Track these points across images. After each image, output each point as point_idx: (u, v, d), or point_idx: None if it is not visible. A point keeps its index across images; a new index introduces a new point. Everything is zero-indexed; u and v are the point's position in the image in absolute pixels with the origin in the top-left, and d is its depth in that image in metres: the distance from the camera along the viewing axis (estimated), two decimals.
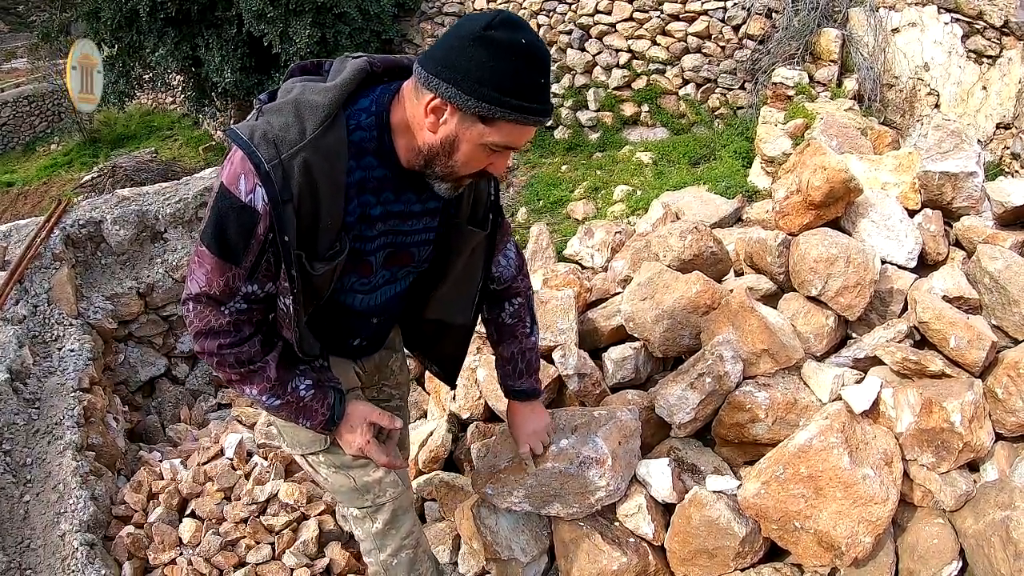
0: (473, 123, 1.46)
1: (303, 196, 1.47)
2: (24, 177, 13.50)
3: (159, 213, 4.98)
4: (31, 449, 3.38)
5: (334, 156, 1.50)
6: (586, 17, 8.00)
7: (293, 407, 1.75)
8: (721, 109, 7.40)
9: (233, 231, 1.49)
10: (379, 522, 2.10)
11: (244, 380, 1.70)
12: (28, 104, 16.20)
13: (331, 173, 1.49)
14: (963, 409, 2.25)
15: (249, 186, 1.46)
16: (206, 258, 1.54)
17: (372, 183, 1.59)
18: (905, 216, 2.90)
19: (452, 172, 1.55)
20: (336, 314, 1.83)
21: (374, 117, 1.56)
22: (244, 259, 1.52)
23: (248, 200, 1.46)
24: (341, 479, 2.03)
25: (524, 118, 1.45)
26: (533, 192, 7.38)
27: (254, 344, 1.66)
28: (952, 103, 6.35)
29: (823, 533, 2.16)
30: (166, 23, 9.12)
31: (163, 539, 3.13)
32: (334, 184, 1.51)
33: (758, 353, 2.52)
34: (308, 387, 1.75)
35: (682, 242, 2.99)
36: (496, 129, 1.46)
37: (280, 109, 1.49)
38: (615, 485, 2.31)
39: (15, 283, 4.29)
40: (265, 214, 1.47)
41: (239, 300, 1.59)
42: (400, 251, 1.76)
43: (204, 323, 1.60)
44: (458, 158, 1.52)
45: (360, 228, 1.63)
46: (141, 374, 4.85)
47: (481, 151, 1.50)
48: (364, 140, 1.56)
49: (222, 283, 1.55)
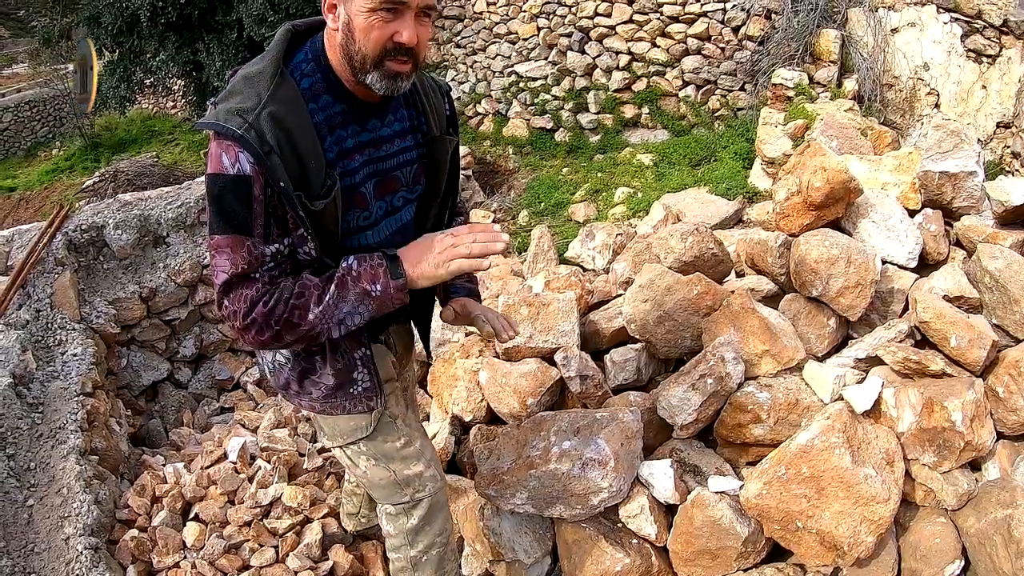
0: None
1: (281, 144, 1.53)
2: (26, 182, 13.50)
3: (161, 217, 4.99)
4: (35, 453, 3.38)
5: (293, 103, 1.58)
6: (586, 19, 8.01)
7: (350, 279, 1.64)
8: (721, 110, 7.41)
9: (233, 204, 1.54)
10: (415, 518, 2.12)
11: (301, 311, 1.63)
12: (29, 109, 16.20)
13: (297, 117, 1.57)
14: (964, 408, 2.26)
15: (232, 157, 1.51)
16: (223, 244, 1.56)
17: (336, 119, 1.67)
18: (905, 216, 2.90)
19: (365, 56, 1.58)
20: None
21: (313, 63, 1.66)
22: (254, 225, 1.56)
23: (236, 170, 1.51)
24: (381, 472, 2.04)
25: None
26: (534, 195, 7.39)
27: (287, 281, 1.64)
28: (952, 102, 6.35)
29: (825, 533, 2.17)
30: (167, 28, 9.14)
31: (167, 542, 3.14)
32: (303, 126, 1.58)
33: (759, 354, 2.53)
34: (346, 259, 1.68)
35: (683, 244, 3.00)
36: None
37: (230, 91, 1.58)
38: (617, 486, 2.32)
39: (18, 288, 4.31)
40: (256, 174, 1.52)
41: (268, 262, 1.60)
42: (385, 177, 1.80)
43: (245, 301, 1.59)
44: (359, 38, 1.56)
45: (343, 163, 1.69)
46: (144, 378, 4.86)
47: (373, 19, 1.53)
48: (313, 84, 1.64)
49: (245, 255, 1.57)
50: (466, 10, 9.14)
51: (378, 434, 2.01)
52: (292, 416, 3.89)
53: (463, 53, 9.32)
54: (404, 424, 2.07)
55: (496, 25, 8.85)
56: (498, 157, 8.50)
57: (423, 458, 2.08)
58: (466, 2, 9.12)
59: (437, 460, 2.17)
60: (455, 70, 9.42)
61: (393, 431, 2.04)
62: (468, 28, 9.18)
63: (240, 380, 5.11)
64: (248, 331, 1.62)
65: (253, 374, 5.12)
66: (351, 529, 3.05)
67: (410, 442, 2.06)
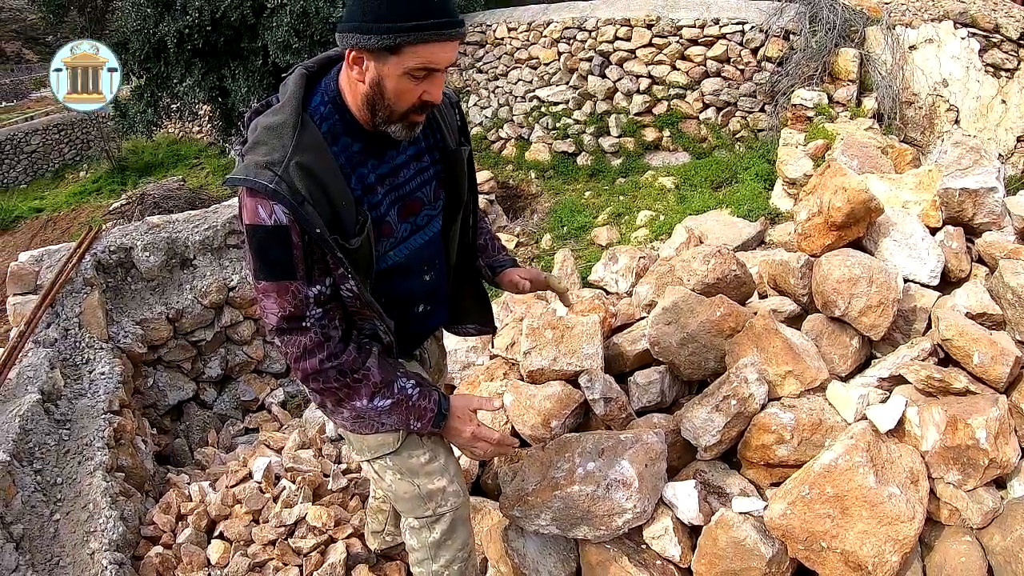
0: (385, 57, 1.57)
1: (312, 192, 1.59)
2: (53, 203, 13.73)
3: (188, 240, 5.07)
4: (61, 469, 3.44)
5: (318, 149, 1.63)
6: (606, 44, 8.07)
7: (403, 406, 1.83)
8: (742, 132, 7.42)
9: (275, 252, 1.61)
10: (437, 532, 2.15)
11: (351, 393, 1.79)
12: (57, 132, 16.51)
13: (324, 163, 1.63)
14: (988, 425, 2.24)
15: (267, 210, 1.57)
16: (268, 289, 1.65)
17: (356, 158, 1.73)
18: (927, 234, 2.90)
19: (392, 111, 1.65)
20: (389, 281, 1.91)
21: (329, 105, 1.70)
22: (297, 270, 1.63)
23: (273, 221, 1.58)
24: (406, 486, 2.08)
25: (426, 35, 1.53)
26: (557, 218, 7.42)
27: (350, 352, 1.75)
28: (972, 118, 6.33)
29: (850, 553, 2.16)
30: (193, 54, 9.32)
31: (191, 560, 3.17)
32: (331, 171, 1.64)
33: (783, 375, 2.53)
34: (414, 386, 1.84)
35: (706, 266, 3.01)
36: (406, 55, 1.56)
37: (255, 143, 1.62)
38: (642, 507, 2.32)
39: (47, 307, 4.39)
40: (292, 223, 1.58)
41: (312, 306, 1.68)
42: (408, 201, 1.87)
43: (297, 347, 1.71)
44: (390, 96, 1.62)
45: (368, 198, 1.75)
46: (170, 398, 4.92)
47: (405, 81, 1.59)
48: (332, 127, 1.70)
49: (291, 299, 1.66)
50: (488, 36, 9.23)
51: (404, 449, 2.05)
52: (316, 437, 3.92)
53: (485, 78, 9.40)
54: (429, 440, 2.10)
55: (517, 50, 8.94)
56: (521, 181, 8.56)
57: (447, 473, 2.10)
58: (488, 28, 9.22)
59: (461, 476, 2.20)
60: (477, 95, 9.50)
61: (418, 446, 2.07)
62: (490, 53, 9.28)
63: (265, 401, 5.16)
64: (296, 368, 1.75)
65: (278, 395, 5.17)
66: (375, 548, 3.06)
67: (434, 457, 2.09)
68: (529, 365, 2.91)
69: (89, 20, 11.93)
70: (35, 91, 23.91)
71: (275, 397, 5.13)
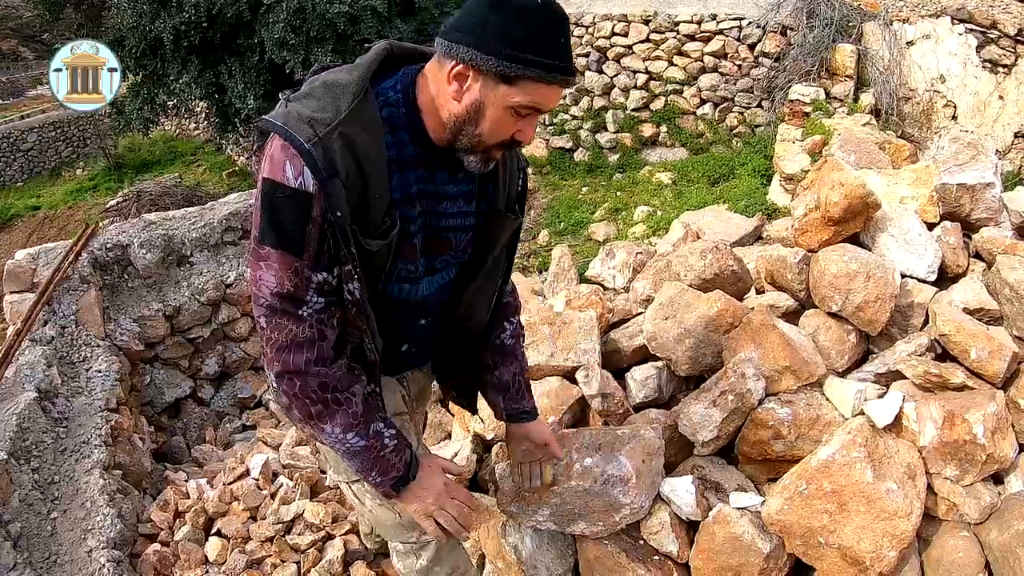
0: (496, 85, 1.42)
1: (349, 170, 1.41)
2: (50, 201, 13.71)
3: (185, 237, 5.07)
4: (59, 467, 3.44)
5: (373, 127, 1.46)
6: (603, 40, 8.06)
7: (373, 453, 1.65)
8: (739, 128, 7.42)
9: (289, 220, 1.42)
10: (424, 559, 2.07)
11: (326, 412, 1.59)
12: (54, 130, 16.48)
13: (372, 146, 1.45)
14: (986, 421, 2.25)
15: (296, 170, 1.39)
16: (271, 256, 1.45)
17: (408, 159, 1.55)
18: (924, 229, 2.90)
19: (480, 142, 1.50)
20: (387, 311, 1.72)
21: (400, 94, 1.53)
22: (306, 247, 1.44)
23: (298, 184, 1.39)
24: (386, 513, 1.98)
25: (548, 76, 1.41)
26: (554, 214, 7.42)
27: (341, 367, 1.58)
28: (969, 114, 6.33)
29: (847, 548, 2.16)
30: (189, 51, 9.31)
31: (189, 557, 3.17)
32: (377, 156, 1.46)
33: (780, 370, 2.53)
34: (392, 436, 1.67)
35: (703, 261, 3.01)
36: (520, 89, 1.42)
37: (310, 93, 1.46)
38: (639, 503, 2.32)
39: (44, 304, 4.38)
40: (318, 194, 1.40)
41: (313, 294, 1.49)
42: (437, 236, 1.69)
43: (285, 335, 1.51)
44: (484, 125, 1.47)
45: (404, 207, 1.57)
46: (167, 395, 4.92)
47: (507, 115, 1.46)
48: (394, 116, 1.53)
49: (292, 276, 1.46)
50: None
51: None
52: None
53: None
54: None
55: None
56: None
57: None
58: None
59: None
60: None
61: None
62: None
63: (262, 398, 5.16)
64: (277, 359, 1.55)
65: None
66: (370, 547, 3.06)
67: None
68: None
69: (85, 17, 11.92)
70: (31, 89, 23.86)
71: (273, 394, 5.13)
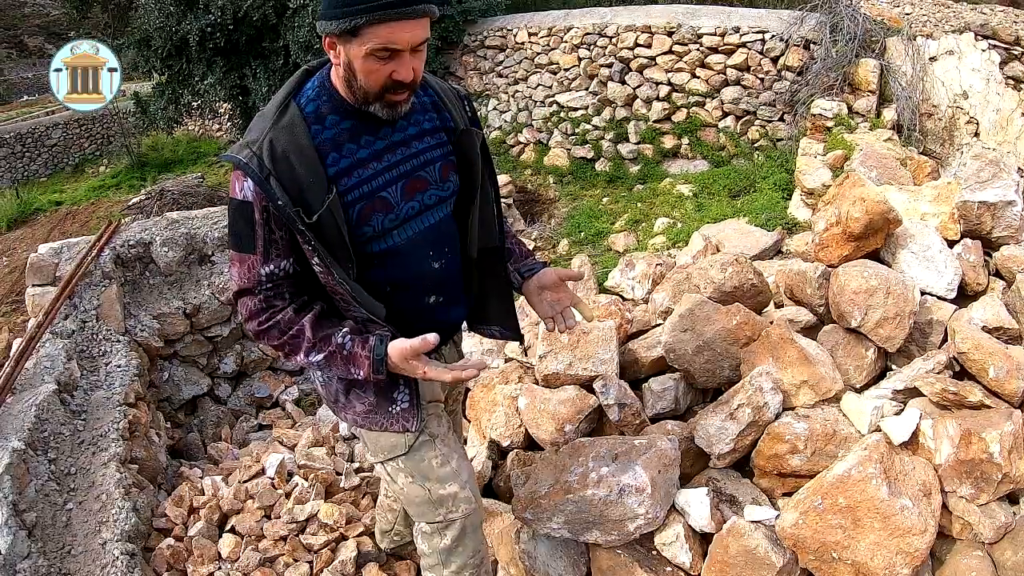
0: (348, 41, 1.66)
1: (278, 166, 1.69)
2: (73, 197, 13.80)
3: (207, 236, 5.11)
4: (76, 459, 3.47)
5: (293, 127, 1.73)
6: (626, 50, 8.05)
7: (337, 357, 1.84)
8: (761, 141, 7.40)
9: (240, 225, 1.76)
10: (448, 538, 2.15)
11: (292, 347, 1.85)
12: (78, 127, 16.62)
13: (293, 139, 1.72)
14: (1002, 440, 2.23)
15: (241, 184, 1.72)
16: (234, 258, 1.82)
17: (344, 134, 1.80)
18: (944, 246, 2.89)
19: (367, 92, 1.73)
20: (394, 264, 1.92)
21: (317, 88, 1.80)
22: (255, 245, 1.76)
23: (243, 196, 1.72)
24: (417, 489, 2.10)
25: (379, 16, 1.59)
26: (574, 224, 7.42)
27: (287, 312, 1.83)
28: (992, 131, 6.28)
29: (860, 564, 2.15)
30: (215, 53, 9.38)
31: (202, 553, 3.19)
32: (300, 147, 1.72)
33: (797, 384, 2.53)
34: (345, 334, 1.84)
35: (723, 274, 3.01)
36: (366, 37, 1.63)
37: (248, 130, 1.78)
38: (654, 513, 2.33)
39: (65, 298, 4.43)
40: (256, 197, 1.71)
41: (264, 282, 1.80)
42: (411, 178, 1.90)
43: (247, 311, 1.85)
44: (360, 78, 1.70)
45: (356, 173, 1.81)
46: (184, 392, 4.95)
47: (371, 62, 1.67)
48: (318, 107, 1.78)
49: (246, 272, 1.79)
50: (508, 40, 9.24)
51: (416, 453, 2.06)
52: (330, 435, 3.94)
53: (505, 83, 9.41)
54: (443, 444, 2.11)
55: (538, 55, 8.94)
56: (539, 186, 8.55)
57: (459, 479, 2.11)
58: (508, 32, 9.24)
59: (474, 483, 2.20)
60: (497, 99, 9.51)
61: (432, 451, 2.08)
62: (510, 58, 9.28)
63: (279, 398, 5.18)
64: (247, 327, 1.88)
65: (292, 393, 5.20)
66: (384, 547, 3.08)
67: (447, 462, 2.10)
68: (544, 369, 2.92)
69: (112, 17, 12.05)
70: None
71: (289, 394, 5.15)
